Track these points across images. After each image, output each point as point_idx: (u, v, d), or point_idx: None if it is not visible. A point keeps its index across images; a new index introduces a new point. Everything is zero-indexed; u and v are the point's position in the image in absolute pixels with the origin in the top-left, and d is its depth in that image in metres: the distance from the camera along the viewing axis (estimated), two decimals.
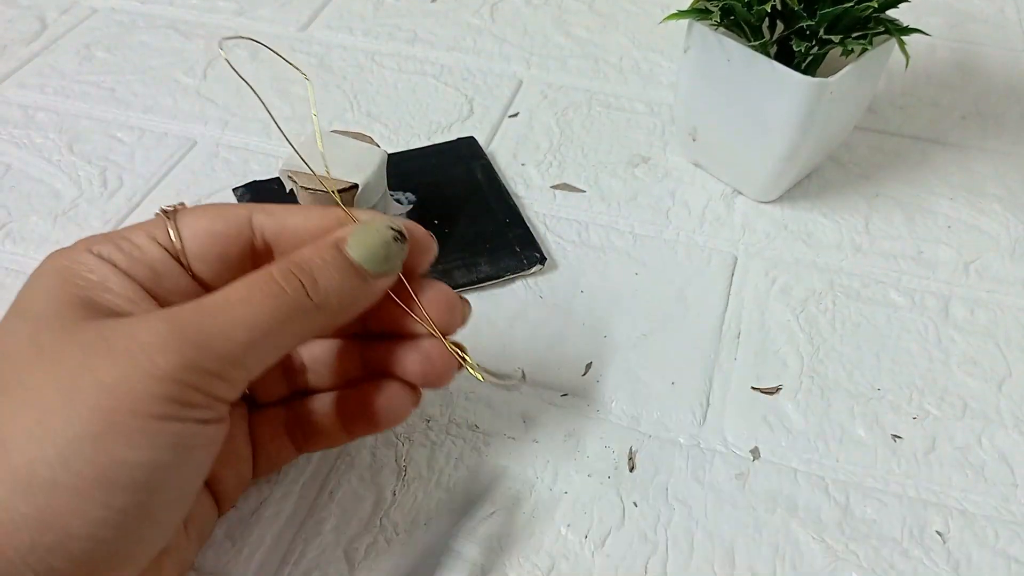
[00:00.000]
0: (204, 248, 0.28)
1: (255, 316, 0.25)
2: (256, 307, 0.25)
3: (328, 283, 0.26)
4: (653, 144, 0.50)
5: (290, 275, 0.26)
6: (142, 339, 0.23)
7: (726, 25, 0.41)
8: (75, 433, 0.22)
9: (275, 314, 0.25)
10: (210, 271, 0.28)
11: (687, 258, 0.43)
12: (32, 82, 0.53)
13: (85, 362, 0.23)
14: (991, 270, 0.43)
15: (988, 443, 0.36)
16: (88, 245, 0.27)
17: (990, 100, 0.54)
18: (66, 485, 0.22)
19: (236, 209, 0.28)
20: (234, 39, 0.35)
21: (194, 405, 0.24)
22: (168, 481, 0.24)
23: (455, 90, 0.53)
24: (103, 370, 0.23)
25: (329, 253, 0.27)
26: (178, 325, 0.24)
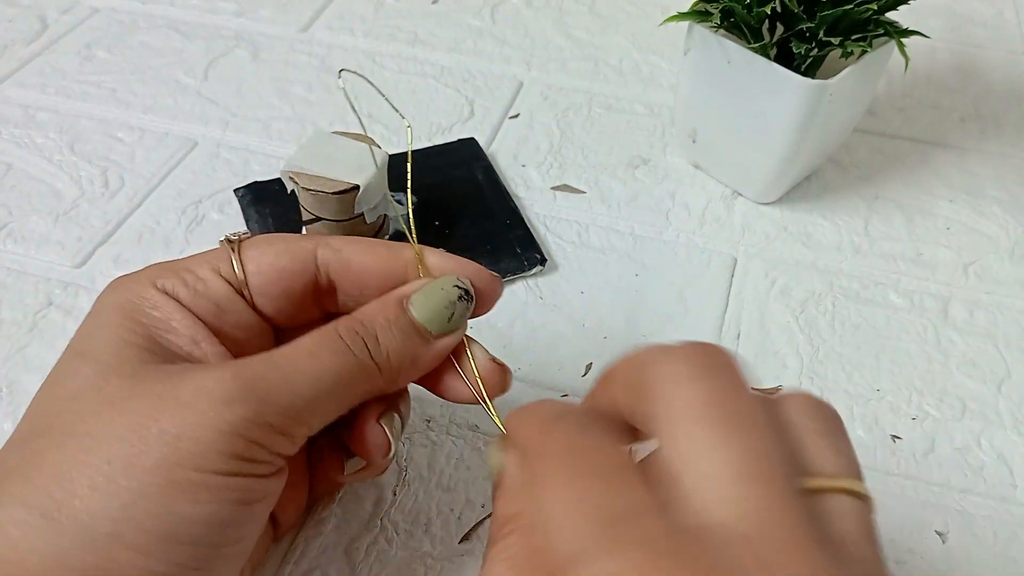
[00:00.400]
0: (269, 284, 0.27)
1: (320, 372, 0.25)
2: (321, 363, 0.25)
3: (389, 344, 0.26)
4: (653, 145, 0.50)
5: (354, 334, 0.26)
6: (209, 390, 0.23)
7: (726, 27, 0.41)
8: (139, 487, 0.22)
9: (339, 372, 0.25)
10: (272, 306, 0.28)
11: (687, 259, 0.43)
12: (33, 82, 0.53)
13: (151, 413, 0.23)
14: (990, 272, 0.44)
15: (987, 444, 0.36)
16: (152, 278, 0.26)
17: (990, 102, 0.54)
18: (128, 539, 0.22)
19: (301, 243, 0.28)
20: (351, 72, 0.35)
21: (257, 461, 0.24)
22: (229, 535, 0.24)
23: (456, 91, 0.53)
24: (169, 422, 0.23)
25: (393, 312, 0.27)
26: (245, 377, 0.24)
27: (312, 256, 0.28)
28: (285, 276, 0.28)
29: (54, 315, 0.40)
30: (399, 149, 0.49)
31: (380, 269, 0.28)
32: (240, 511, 0.24)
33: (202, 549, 0.23)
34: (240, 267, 0.27)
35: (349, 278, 0.28)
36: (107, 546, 0.21)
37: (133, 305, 0.26)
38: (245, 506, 0.24)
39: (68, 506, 0.21)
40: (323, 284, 0.28)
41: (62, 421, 0.23)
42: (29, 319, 0.39)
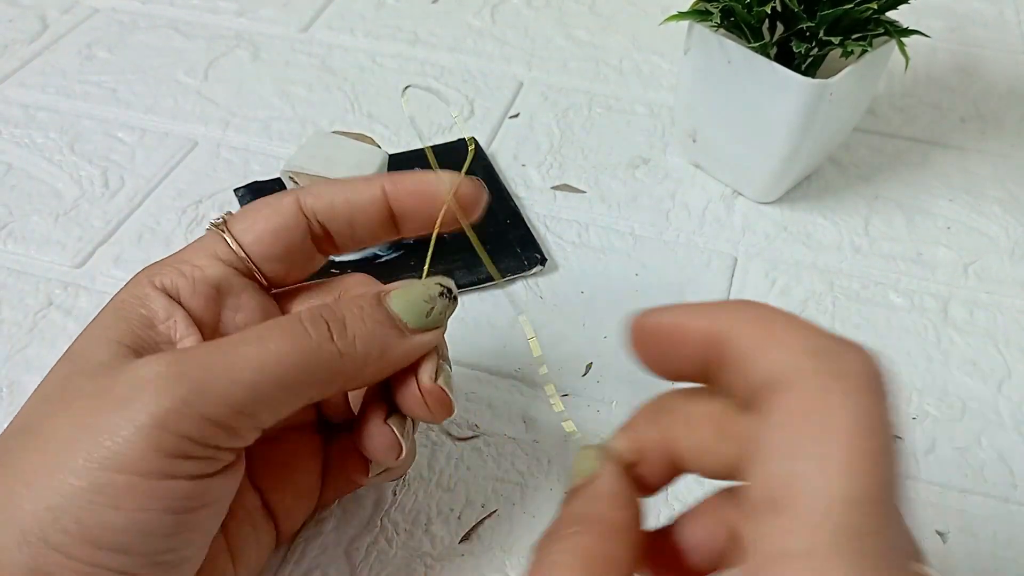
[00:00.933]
0: (270, 248, 0.27)
1: (265, 357, 0.23)
2: (267, 348, 0.23)
3: (357, 330, 0.25)
4: (653, 145, 0.50)
5: (318, 318, 0.24)
6: (143, 381, 0.22)
7: (726, 26, 0.41)
8: (66, 489, 0.21)
9: (290, 357, 0.23)
10: (282, 268, 0.28)
11: (687, 259, 0.43)
12: (33, 82, 0.53)
13: (90, 408, 0.22)
14: (990, 271, 0.43)
15: (988, 443, 0.36)
16: (150, 275, 0.26)
17: (990, 102, 0.54)
18: (53, 542, 0.21)
19: (283, 200, 0.28)
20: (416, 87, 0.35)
21: (191, 458, 0.22)
22: (156, 545, 0.22)
23: (456, 91, 0.53)
24: (100, 417, 0.22)
25: (368, 302, 0.26)
26: (180, 365, 0.22)
27: (298, 208, 0.27)
28: (281, 235, 0.27)
29: (54, 315, 0.40)
30: (399, 149, 0.49)
31: (364, 203, 0.28)
32: (174, 520, 0.22)
33: (133, 558, 0.22)
34: (235, 242, 0.27)
35: (336, 218, 0.28)
36: (36, 548, 0.21)
37: (125, 305, 0.25)
38: (181, 514, 0.22)
39: (15, 506, 0.21)
40: (317, 231, 0.28)
41: (31, 422, 0.23)
42: (29, 319, 0.39)
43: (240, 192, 0.45)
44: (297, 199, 0.28)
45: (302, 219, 0.28)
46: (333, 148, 0.40)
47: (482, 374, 0.38)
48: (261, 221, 0.27)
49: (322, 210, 0.28)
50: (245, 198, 0.45)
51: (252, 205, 0.28)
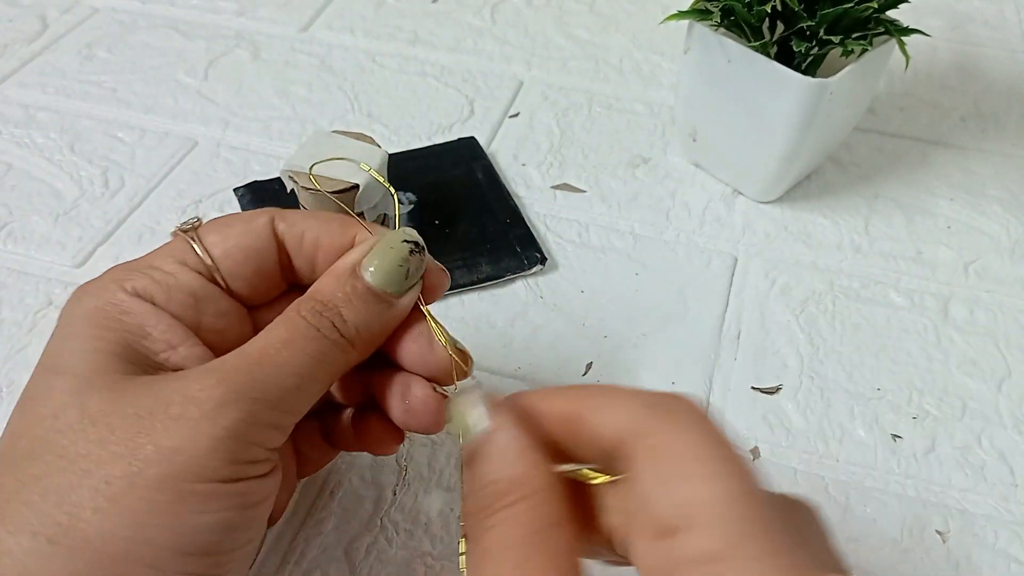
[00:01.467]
0: (239, 265, 0.27)
1: (300, 360, 0.24)
2: (298, 351, 0.25)
3: (354, 317, 0.26)
4: (653, 145, 0.50)
5: (319, 315, 0.25)
6: (198, 399, 0.23)
7: (726, 26, 0.41)
8: (146, 505, 0.22)
9: (316, 355, 0.25)
10: (246, 286, 0.28)
11: (687, 258, 0.43)
12: (33, 81, 0.53)
13: (142, 429, 0.22)
14: (991, 271, 0.43)
15: (988, 443, 0.36)
16: (120, 281, 0.26)
17: (990, 101, 0.54)
18: (141, 557, 0.21)
19: (258, 219, 0.28)
20: None
21: (256, 461, 0.24)
22: (238, 539, 0.24)
23: (456, 91, 0.53)
24: (163, 436, 0.22)
25: (349, 284, 0.26)
26: (231, 380, 0.23)
27: (271, 231, 0.28)
28: (252, 255, 0.27)
29: (54, 315, 0.39)
30: (398, 148, 0.49)
31: (332, 244, 0.28)
32: (246, 514, 0.24)
33: (214, 557, 0.23)
34: (206, 254, 0.27)
35: (302, 252, 0.28)
36: (120, 565, 0.21)
37: (103, 312, 0.25)
38: (250, 509, 0.24)
39: (75, 530, 0.21)
40: (283, 259, 0.28)
41: (49, 443, 0.23)
42: (29, 319, 0.39)
43: (240, 192, 0.45)
44: (272, 221, 0.28)
45: (273, 243, 0.28)
46: (333, 148, 0.40)
47: (482, 373, 0.38)
48: (233, 237, 0.27)
49: (291, 241, 0.28)
50: (245, 198, 0.45)
51: (225, 219, 0.28)
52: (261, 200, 0.44)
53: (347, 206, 0.39)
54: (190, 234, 0.27)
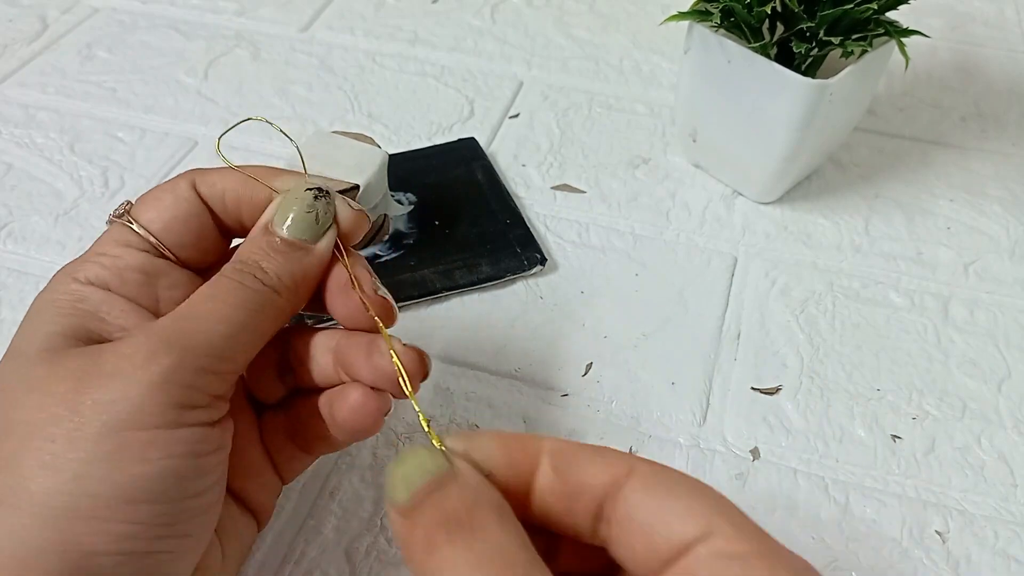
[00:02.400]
0: (180, 235, 0.28)
1: (226, 310, 0.25)
2: (224, 302, 0.25)
3: (274, 267, 0.27)
4: (653, 145, 0.50)
5: (240, 271, 0.26)
6: (130, 355, 0.24)
7: (726, 26, 0.41)
8: (87, 456, 0.22)
9: (242, 304, 0.26)
10: (194, 252, 0.28)
11: (687, 259, 0.43)
12: (33, 81, 0.53)
13: (79, 387, 0.23)
14: (991, 271, 0.43)
15: (987, 443, 0.36)
16: (71, 273, 0.27)
17: (990, 101, 0.54)
18: (86, 508, 0.22)
19: (180, 185, 0.28)
20: None
21: (195, 406, 0.24)
22: (186, 488, 0.24)
23: (456, 91, 0.53)
24: (99, 391, 0.23)
25: (264, 240, 0.27)
26: (159, 334, 0.24)
27: (195, 194, 0.28)
28: (189, 222, 0.28)
29: None
30: (399, 149, 0.49)
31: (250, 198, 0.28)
32: (193, 463, 0.24)
33: (162, 506, 0.23)
34: (146, 231, 0.27)
35: (226, 210, 0.29)
36: (64, 519, 0.22)
37: (57, 302, 0.26)
38: (197, 458, 0.24)
39: (21, 489, 0.22)
40: (216, 218, 0.29)
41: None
42: None
43: None
44: (193, 184, 0.28)
45: (203, 206, 0.28)
46: (333, 148, 0.40)
47: (482, 374, 0.38)
48: (165, 210, 0.28)
49: (214, 200, 0.29)
50: None
51: (152, 193, 0.28)
52: None
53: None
54: (125, 218, 0.28)
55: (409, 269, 0.41)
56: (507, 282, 0.42)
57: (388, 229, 0.43)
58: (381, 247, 0.42)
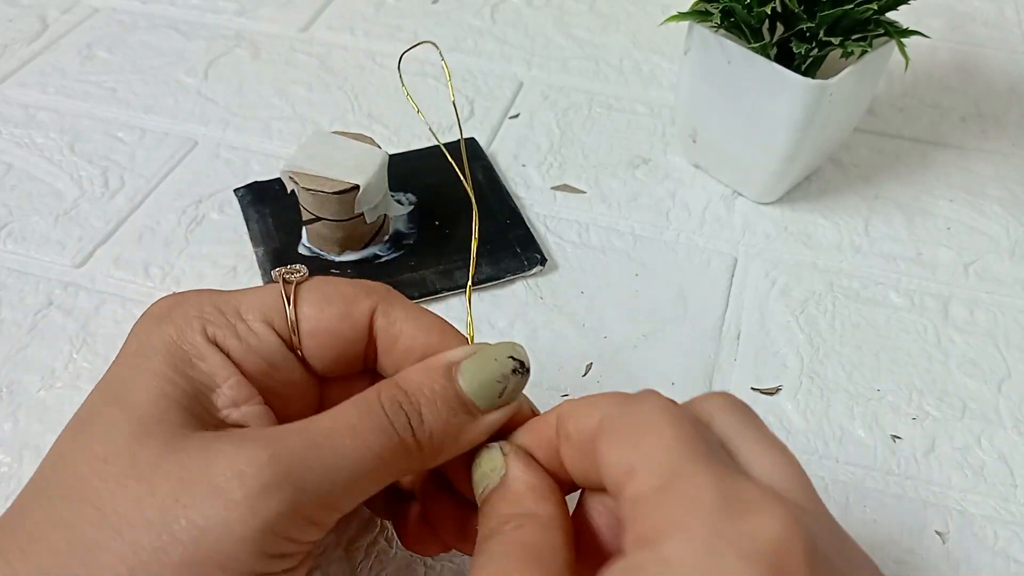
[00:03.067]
0: (323, 349, 0.26)
1: (362, 454, 0.23)
2: (363, 442, 0.23)
3: (433, 421, 0.24)
4: (654, 145, 0.50)
5: (398, 407, 0.24)
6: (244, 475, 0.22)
7: (726, 27, 0.41)
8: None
9: (381, 453, 0.23)
10: (320, 364, 0.27)
11: (687, 259, 0.43)
12: (33, 81, 0.53)
13: (180, 496, 0.21)
14: (991, 271, 0.43)
15: (987, 444, 0.36)
16: (204, 321, 0.25)
17: (990, 102, 0.54)
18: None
19: (360, 305, 0.26)
20: None
21: (284, 556, 0.23)
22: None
23: (456, 91, 0.53)
24: (198, 511, 0.21)
25: (439, 382, 0.25)
26: (283, 461, 0.22)
27: (368, 323, 0.26)
28: (340, 342, 0.26)
29: (54, 315, 0.40)
30: (399, 149, 0.49)
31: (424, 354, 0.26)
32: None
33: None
34: (295, 326, 0.26)
35: (391, 354, 0.27)
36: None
37: (180, 352, 0.24)
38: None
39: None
40: (371, 351, 0.27)
41: (91, 489, 0.22)
42: (29, 319, 0.39)
43: (240, 192, 0.45)
44: (372, 313, 0.26)
45: (366, 336, 0.26)
46: (333, 148, 0.40)
47: None
48: (328, 319, 0.26)
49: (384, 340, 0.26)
50: (245, 198, 0.45)
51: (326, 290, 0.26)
52: (261, 200, 0.45)
53: (347, 207, 0.39)
54: (288, 291, 0.26)
55: (409, 269, 0.41)
56: (507, 282, 0.42)
57: (388, 229, 0.43)
58: (381, 247, 0.42)
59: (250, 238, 0.43)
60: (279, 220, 0.43)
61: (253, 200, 0.45)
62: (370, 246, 0.42)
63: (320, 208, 0.39)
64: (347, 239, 0.41)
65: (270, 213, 0.44)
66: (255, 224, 0.43)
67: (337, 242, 0.41)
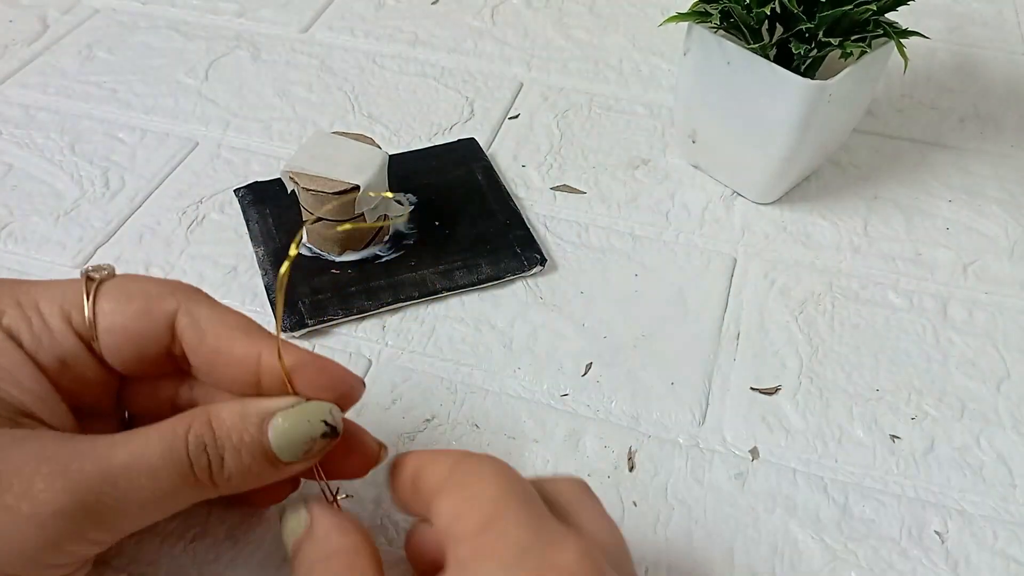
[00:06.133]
0: (119, 344, 0.26)
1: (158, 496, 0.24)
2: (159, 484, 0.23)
3: (234, 467, 0.25)
4: (653, 146, 0.50)
5: (201, 450, 0.24)
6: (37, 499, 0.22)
7: (726, 28, 0.41)
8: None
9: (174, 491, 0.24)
10: (120, 362, 0.26)
11: (687, 259, 0.44)
12: (34, 82, 0.53)
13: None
14: (989, 272, 0.44)
15: (986, 444, 0.36)
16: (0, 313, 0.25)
17: (989, 103, 0.54)
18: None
19: (162, 304, 0.26)
20: None
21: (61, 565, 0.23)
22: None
23: (456, 92, 0.53)
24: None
25: (249, 432, 0.25)
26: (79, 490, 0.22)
27: (170, 322, 0.26)
28: (138, 340, 0.26)
29: None
30: (399, 149, 0.49)
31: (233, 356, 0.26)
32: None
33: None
34: (92, 321, 0.25)
35: (200, 354, 0.26)
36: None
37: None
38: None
39: None
40: (176, 351, 0.27)
41: None
42: None
43: (240, 192, 0.45)
44: (174, 315, 0.26)
45: (168, 335, 0.26)
46: (333, 148, 0.40)
47: (482, 374, 0.38)
48: (126, 315, 0.26)
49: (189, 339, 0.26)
50: (245, 198, 0.45)
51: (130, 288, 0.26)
52: (262, 201, 0.45)
53: (347, 207, 0.39)
54: (90, 288, 0.26)
55: (409, 269, 0.41)
56: (507, 282, 0.42)
57: (388, 230, 0.43)
58: (381, 247, 0.42)
59: (250, 238, 0.43)
60: (279, 220, 0.43)
61: (254, 200, 0.45)
62: (370, 246, 0.42)
63: (320, 208, 0.39)
64: (347, 239, 0.41)
65: (270, 213, 0.44)
66: (255, 224, 0.44)
67: (337, 242, 0.41)
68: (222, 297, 0.40)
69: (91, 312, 0.25)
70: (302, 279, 0.41)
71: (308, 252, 0.42)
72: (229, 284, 0.41)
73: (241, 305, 0.40)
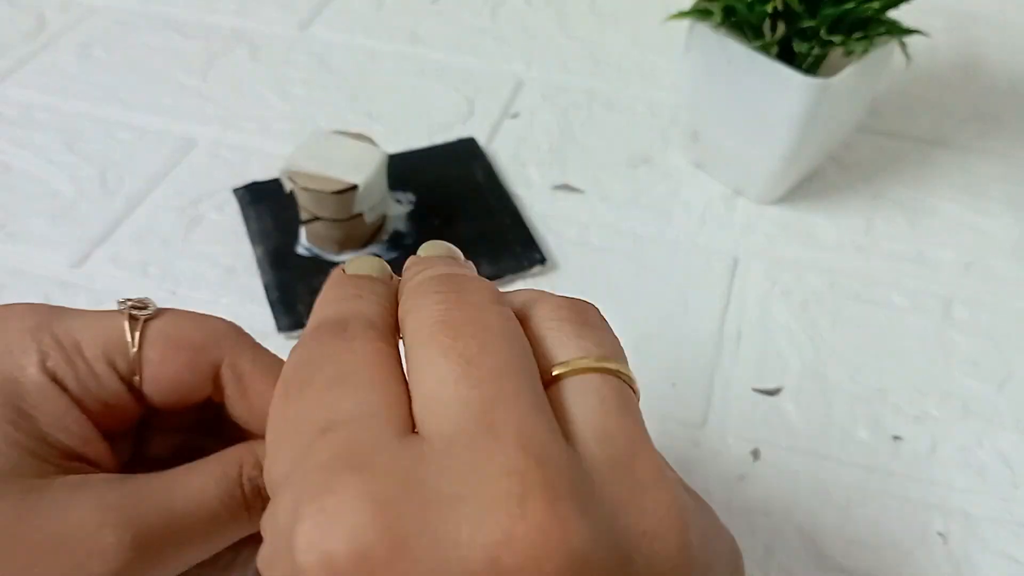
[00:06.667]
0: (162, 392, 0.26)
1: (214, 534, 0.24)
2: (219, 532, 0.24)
3: None
4: (654, 145, 0.50)
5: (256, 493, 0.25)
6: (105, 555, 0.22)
7: (727, 26, 0.41)
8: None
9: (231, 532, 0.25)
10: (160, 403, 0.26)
11: (688, 259, 0.43)
12: (31, 81, 0.53)
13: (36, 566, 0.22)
14: (992, 271, 0.43)
15: (989, 444, 0.36)
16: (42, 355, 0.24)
17: (992, 101, 0.54)
18: None
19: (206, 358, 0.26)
20: None
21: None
22: None
23: (455, 90, 0.53)
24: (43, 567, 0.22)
25: None
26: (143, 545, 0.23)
27: (214, 373, 0.26)
28: (180, 390, 0.26)
29: None
30: (398, 148, 0.48)
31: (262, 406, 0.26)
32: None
33: None
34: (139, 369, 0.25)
35: (240, 407, 0.27)
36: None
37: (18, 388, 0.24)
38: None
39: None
40: (216, 398, 0.27)
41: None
42: None
43: (239, 192, 0.45)
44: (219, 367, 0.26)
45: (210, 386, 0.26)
46: (332, 147, 0.40)
47: None
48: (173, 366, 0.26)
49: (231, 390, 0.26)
50: (244, 198, 0.45)
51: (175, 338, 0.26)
52: (260, 200, 0.44)
53: (346, 206, 0.39)
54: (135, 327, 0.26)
55: None
56: (507, 282, 0.42)
57: (387, 229, 0.43)
58: (380, 247, 0.42)
59: (249, 238, 0.43)
60: (278, 220, 0.43)
61: (252, 200, 0.45)
62: (369, 246, 0.42)
63: (319, 208, 0.39)
64: (346, 239, 0.41)
65: (269, 213, 0.44)
66: (254, 224, 0.43)
67: (336, 242, 0.41)
68: (220, 297, 0.40)
69: (137, 360, 0.26)
70: (300, 279, 0.40)
71: (306, 251, 0.42)
72: (227, 284, 0.41)
73: (240, 305, 0.40)
